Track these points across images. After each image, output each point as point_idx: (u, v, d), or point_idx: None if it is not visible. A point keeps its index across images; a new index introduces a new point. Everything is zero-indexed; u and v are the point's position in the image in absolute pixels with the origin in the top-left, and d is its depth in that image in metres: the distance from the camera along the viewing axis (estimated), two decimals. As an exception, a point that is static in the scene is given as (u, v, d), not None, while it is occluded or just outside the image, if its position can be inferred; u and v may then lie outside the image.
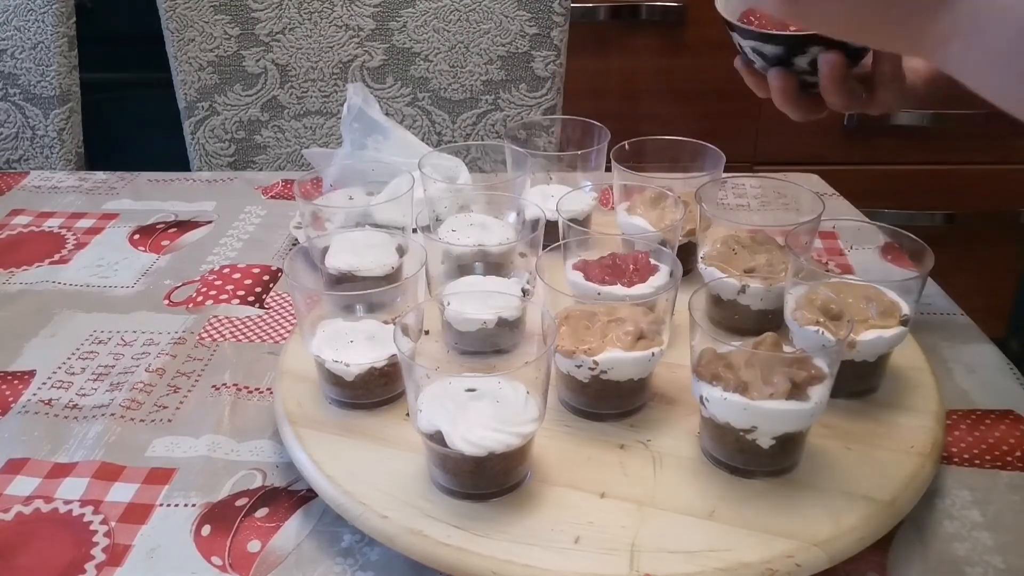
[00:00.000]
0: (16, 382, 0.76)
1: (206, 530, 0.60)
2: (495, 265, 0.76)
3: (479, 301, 0.70)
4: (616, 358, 0.62)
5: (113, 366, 0.77)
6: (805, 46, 0.63)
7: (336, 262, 0.77)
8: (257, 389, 0.74)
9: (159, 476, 0.65)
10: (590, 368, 0.63)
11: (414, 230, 0.78)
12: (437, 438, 0.56)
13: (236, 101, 1.33)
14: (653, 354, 0.63)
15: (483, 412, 0.56)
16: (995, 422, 0.69)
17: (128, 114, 1.89)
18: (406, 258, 0.78)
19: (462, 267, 0.76)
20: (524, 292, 0.72)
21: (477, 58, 1.31)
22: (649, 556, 0.54)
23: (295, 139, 1.36)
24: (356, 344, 0.66)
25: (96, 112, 1.41)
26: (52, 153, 1.30)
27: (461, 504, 0.58)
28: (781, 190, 0.96)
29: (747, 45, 0.67)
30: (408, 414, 0.61)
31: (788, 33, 0.64)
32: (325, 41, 1.31)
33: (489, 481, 0.58)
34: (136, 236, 0.99)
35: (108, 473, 0.65)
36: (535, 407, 0.58)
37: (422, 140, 1.11)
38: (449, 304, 0.70)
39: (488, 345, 0.71)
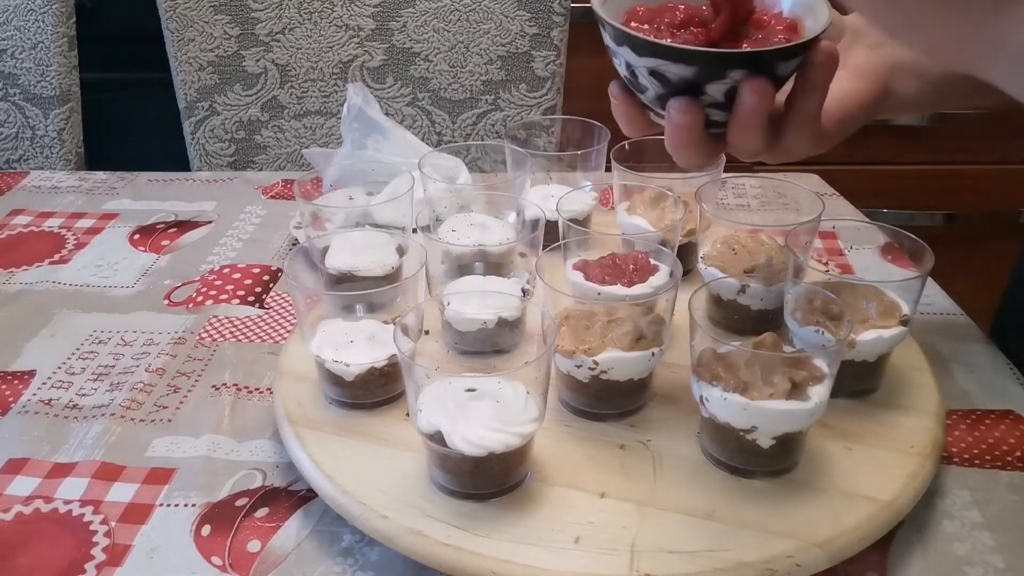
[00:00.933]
0: (16, 382, 0.76)
1: (206, 530, 0.60)
2: (495, 265, 0.76)
3: (479, 301, 0.70)
4: (616, 358, 0.62)
5: (113, 366, 0.77)
6: (728, 68, 0.49)
7: (336, 262, 0.77)
8: (257, 389, 0.74)
9: (159, 476, 0.65)
10: (590, 368, 0.63)
11: (414, 230, 0.78)
12: (437, 438, 0.56)
13: (236, 101, 1.33)
14: (653, 354, 0.63)
15: (483, 412, 0.56)
16: (995, 422, 0.69)
17: (128, 114, 1.89)
18: (406, 258, 0.78)
19: (462, 267, 0.76)
20: (524, 292, 0.72)
21: (477, 58, 1.31)
22: (649, 556, 0.54)
23: (295, 139, 1.36)
24: (356, 344, 0.66)
25: (96, 112, 1.41)
26: (52, 153, 1.30)
27: (461, 504, 0.58)
28: (781, 190, 0.96)
29: (642, 65, 0.51)
30: (408, 414, 0.61)
31: (713, 50, 0.50)
32: (325, 41, 1.31)
33: (489, 481, 0.58)
34: (136, 236, 0.99)
35: (108, 473, 0.65)
36: (535, 407, 0.58)
37: (422, 140, 1.11)
38: (449, 304, 0.70)
39: (488, 345, 0.71)
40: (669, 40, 0.51)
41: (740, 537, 0.55)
